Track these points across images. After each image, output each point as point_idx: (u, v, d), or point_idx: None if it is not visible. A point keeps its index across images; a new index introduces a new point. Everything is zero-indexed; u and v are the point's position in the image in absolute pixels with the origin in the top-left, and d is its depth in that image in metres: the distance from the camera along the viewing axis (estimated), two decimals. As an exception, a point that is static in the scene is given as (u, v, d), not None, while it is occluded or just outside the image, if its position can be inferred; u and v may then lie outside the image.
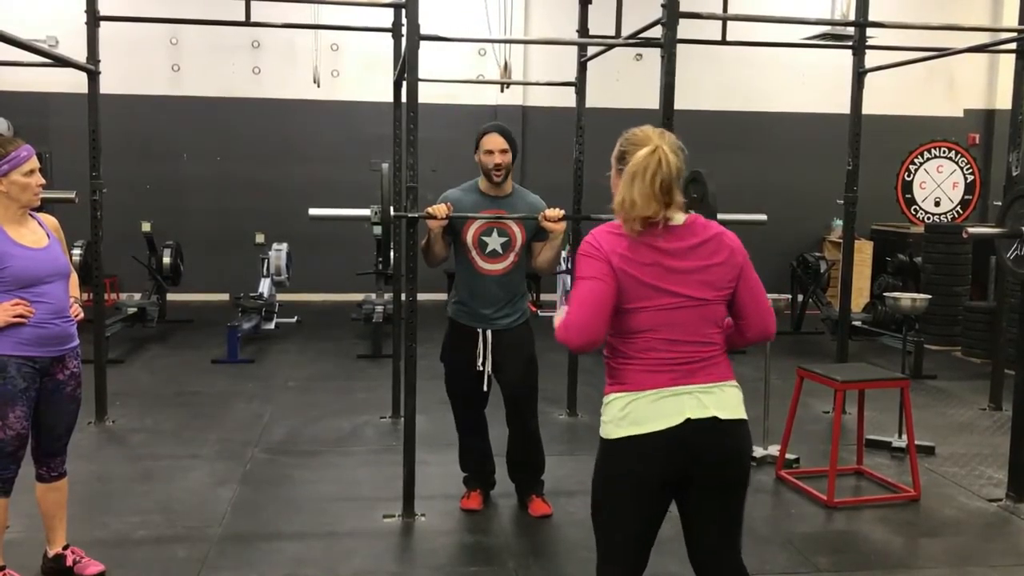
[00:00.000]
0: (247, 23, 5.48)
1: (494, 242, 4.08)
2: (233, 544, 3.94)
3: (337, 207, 5.77)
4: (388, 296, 8.17)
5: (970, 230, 5.02)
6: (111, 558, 3.67)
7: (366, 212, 5.98)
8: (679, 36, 4.18)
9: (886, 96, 9.85)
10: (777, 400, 5.41)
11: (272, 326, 8.76)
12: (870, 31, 6.11)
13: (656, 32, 4.32)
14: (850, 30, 7.06)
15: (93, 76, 5.54)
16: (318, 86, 10.33)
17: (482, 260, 4.09)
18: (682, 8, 4.21)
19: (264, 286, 8.93)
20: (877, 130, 8.97)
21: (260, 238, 9.62)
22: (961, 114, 11.76)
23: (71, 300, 3.44)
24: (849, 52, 6.09)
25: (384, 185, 6.10)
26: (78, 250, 7.92)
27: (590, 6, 5.86)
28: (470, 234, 4.08)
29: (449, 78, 7.79)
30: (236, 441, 5.37)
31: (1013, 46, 5.91)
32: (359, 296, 9.47)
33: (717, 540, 2.48)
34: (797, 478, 4.81)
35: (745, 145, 10.89)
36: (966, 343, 8.40)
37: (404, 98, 4.12)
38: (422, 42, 4.08)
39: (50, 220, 3.48)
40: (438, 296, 9.85)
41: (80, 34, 5.55)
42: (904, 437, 5.07)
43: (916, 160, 8.73)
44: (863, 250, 10.23)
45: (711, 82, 10.55)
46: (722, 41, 6.11)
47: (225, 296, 10.05)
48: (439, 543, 4.01)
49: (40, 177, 3.33)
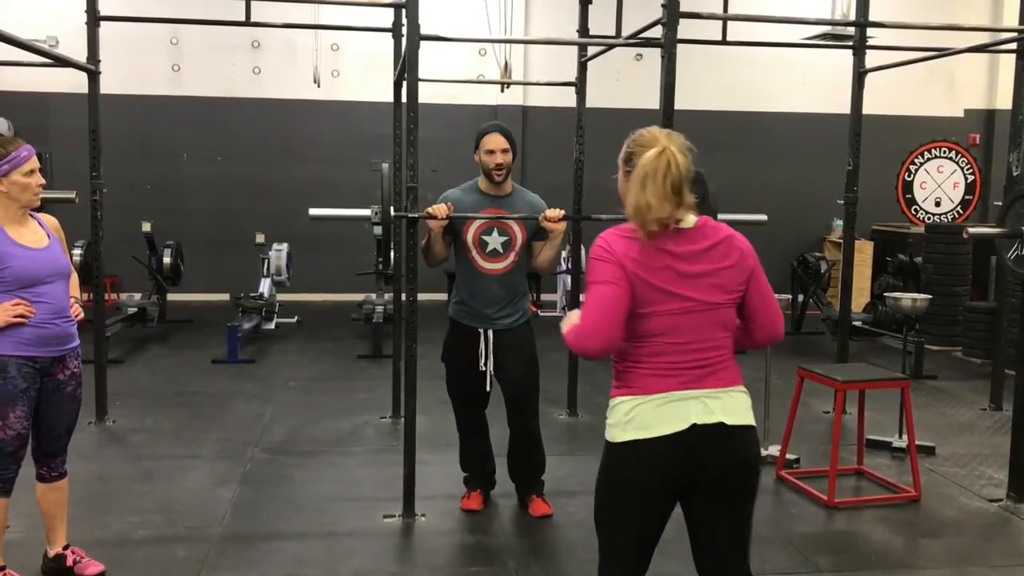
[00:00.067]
0: (247, 23, 5.48)
1: (494, 241, 4.08)
2: (233, 544, 3.94)
3: (337, 207, 5.79)
4: (388, 296, 8.17)
5: (970, 230, 5.02)
6: (111, 558, 3.67)
7: (366, 212, 5.99)
8: (679, 36, 4.18)
9: (886, 96, 9.85)
10: (777, 400, 5.41)
11: (272, 326, 8.76)
12: (870, 31, 6.11)
13: (656, 32, 4.32)
14: (850, 30, 7.07)
15: (93, 76, 5.54)
16: (318, 86, 10.34)
17: (483, 259, 4.09)
18: (682, 8, 4.21)
19: (264, 286, 8.93)
20: (877, 130, 8.97)
21: (260, 238, 9.63)
22: (961, 114, 11.77)
23: (71, 300, 3.44)
24: (849, 52, 6.10)
25: (384, 185, 6.11)
26: (78, 250, 7.92)
27: (590, 6, 5.86)
28: (470, 233, 4.08)
29: (449, 78, 7.79)
30: (236, 441, 5.37)
31: (1013, 46, 5.91)
32: (359, 296, 9.47)
33: (725, 547, 2.43)
34: (797, 478, 4.81)
35: (745, 145, 10.90)
36: (966, 343, 8.40)
37: (404, 98, 4.12)
38: (422, 42, 4.08)
39: (50, 220, 3.48)
40: (438, 296, 9.87)
41: (80, 34, 5.56)
42: (904, 437, 5.07)
43: (916, 160, 8.73)
44: (863, 250, 10.23)
45: (711, 82, 10.55)
46: (722, 41, 6.11)
47: (225, 296, 10.04)
48: (439, 543, 4.01)
49: (40, 177, 3.33)
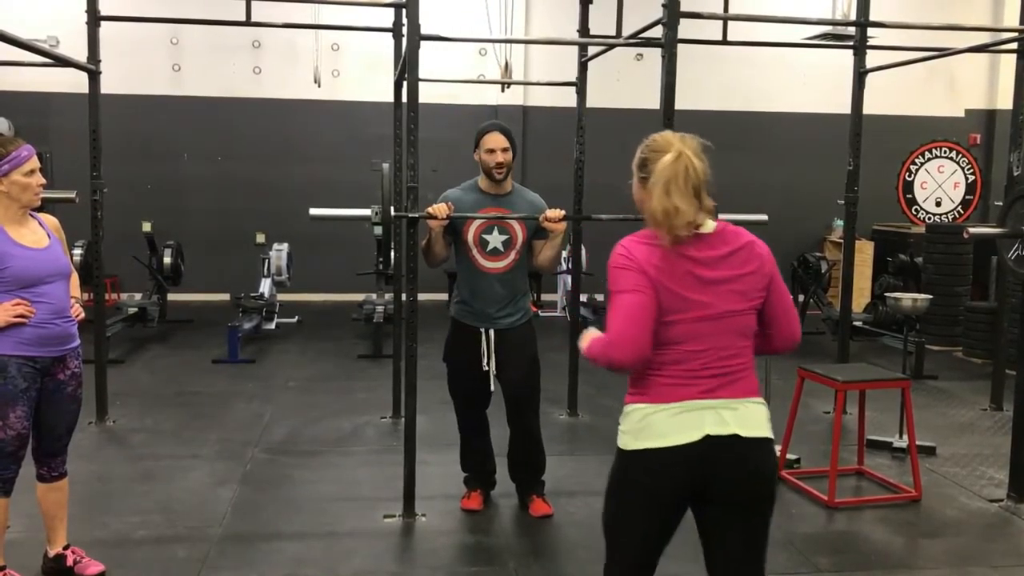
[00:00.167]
0: (248, 23, 5.48)
1: (495, 240, 4.08)
2: (233, 544, 3.94)
3: (338, 207, 5.76)
4: (389, 296, 8.18)
5: (971, 230, 5.02)
6: (111, 558, 3.67)
7: (367, 212, 5.98)
8: (680, 36, 4.18)
9: (887, 96, 9.84)
10: (778, 400, 5.39)
11: (273, 326, 8.76)
12: (871, 31, 6.11)
13: (657, 32, 4.32)
14: (851, 30, 7.07)
15: (94, 76, 5.54)
16: (319, 86, 10.34)
17: (483, 258, 4.09)
18: (683, 8, 4.21)
19: (265, 286, 8.94)
20: (878, 130, 8.97)
21: (261, 238, 9.64)
22: (962, 114, 11.76)
23: (72, 300, 3.44)
24: (850, 52, 6.10)
25: (385, 185, 6.11)
26: (79, 250, 7.92)
27: (591, 6, 5.86)
28: (471, 233, 4.08)
29: (450, 78, 7.79)
30: (236, 441, 5.37)
31: (1014, 46, 5.91)
32: (360, 296, 9.47)
33: (737, 561, 2.39)
34: (798, 478, 4.81)
35: (746, 145, 10.90)
36: (967, 343, 8.40)
37: (405, 98, 4.12)
38: (423, 42, 4.08)
39: (51, 220, 3.48)
40: (438, 296, 9.88)
41: (81, 34, 5.55)
42: (905, 437, 5.07)
43: (917, 160, 8.74)
44: (864, 250, 10.23)
45: (712, 82, 10.55)
46: (723, 41, 6.10)
47: (226, 296, 10.04)
48: (439, 543, 4.01)
49: (41, 177, 3.33)
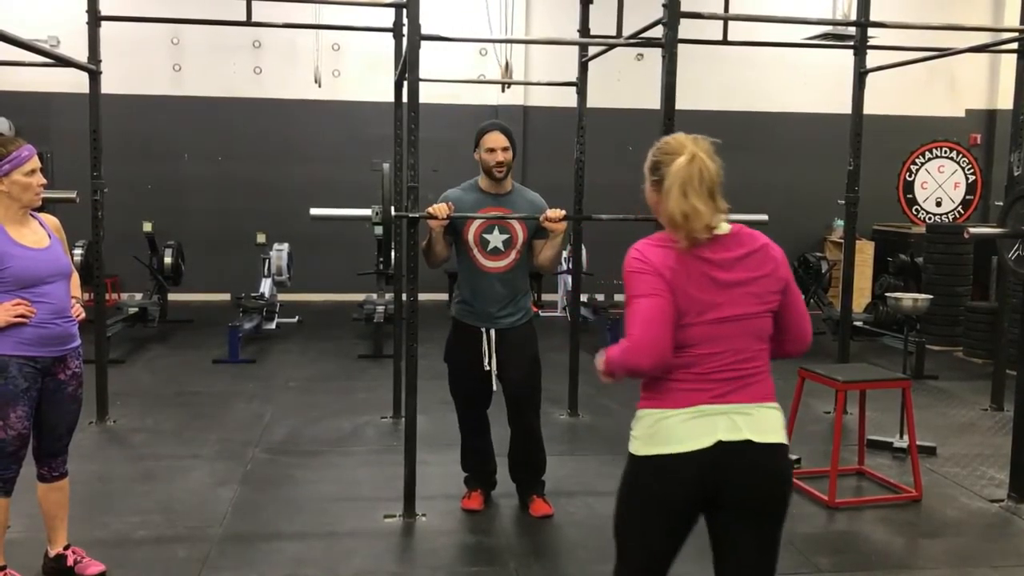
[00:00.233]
0: (248, 23, 5.48)
1: (496, 240, 4.09)
2: (234, 544, 3.94)
3: (338, 207, 5.75)
4: (389, 296, 8.18)
5: (971, 230, 5.02)
6: (112, 558, 3.67)
7: (367, 212, 5.98)
8: (680, 36, 4.18)
9: (887, 96, 9.84)
10: (778, 400, 5.38)
11: (273, 326, 8.76)
12: (871, 31, 6.10)
13: (657, 32, 4.32)
14: (851, 30, 7.06)
15: (94, 76, 5.54)
16: (319, 86, 10.34)
17: (484, 258, 4.09)
18: (683, 8, 4.21)
19: (265, 286, 8.94)
20: (878, 130, 8.96)
21: (261, 238, 9.63)
22: (962, 114, 11.76)
23: (72, 300, 3.44)
24: (850, 52, 6.09)
25: (385, 185, 6.11)
26: (79, 250, 7.93)
27: (591, 6, 5.86)
28: (471, 232, 4.08)
29: (450, 78, 7.79)
30: (237, 441, 5.37)
31: (1014, 46, 5.90)
32: (360, 296, 9.48)
33: (750, 566, 2.36)
34: (798, 478, 4.80)
35: (746, 145, 10.88)
36: (967, 343, 8.39)
37: (405, 98, 4.12)
38: (423, 42, 4.08)
39: (51, 220, 3.48)
40: (439, 296, 9.88)
41: (81, 34, 5.55)
42: (905, 437, 5.06)
43: (917, 160, 8.74)
44: (864, 250, 10.23)
45: (712, 82, 10.54)
46: (723, 41, 6.10)
47: (226, 296, 10.05)
48: (440, 543, 4.01)
49: (41, 177, 3.33)
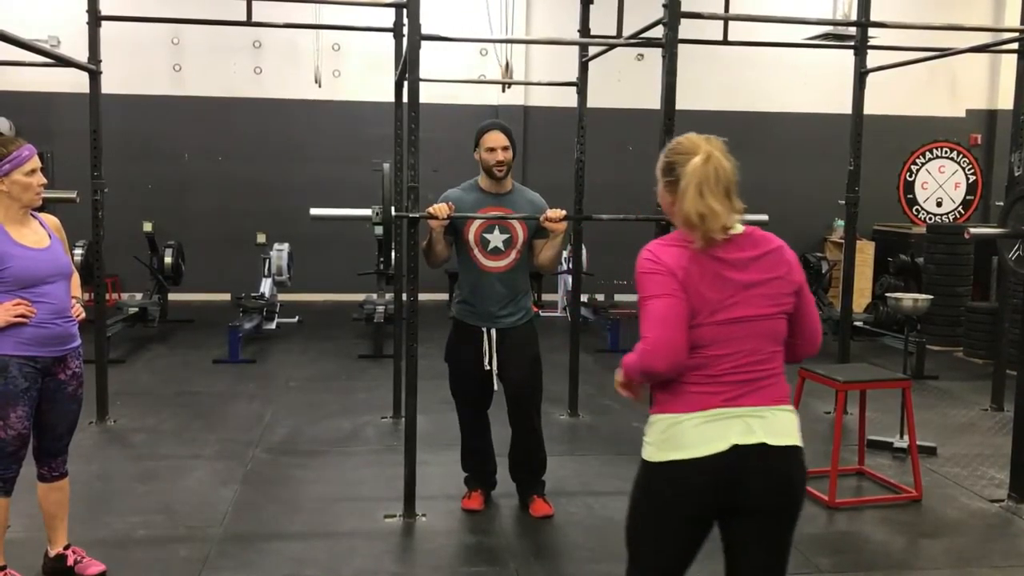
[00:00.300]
0: (248, 23, 5.47)
1: (496, 239, 4.09)
2: (234, 544, 3.94)
3: (338, 207, 5.77)
4: (389, 296, 8.18)
5: (972, 230, 5.02)
6: (112, 558, 3.67)
7: (367, 212, 5.99)
8: (680, 36, 4.17)
9: (888, 96, 9.84)
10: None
11: (273, 326, 8.77)
12: (872, 31, 6.10)
13: (657, 32, 4.32)
14: (852, 30, 7.06)
15: (95, 76, 5.54)
16: (319, 86, 10.35)
17: (484, 257, 4.09)
18: (683, 8, 4.21)
19: (265, 286, 8.94)
20: (879, 130, 8.97)
21: (261, 238, 9.64)
22: (963, 114, 11.76)
23: (73, 300, 3.44)
24: (851, 52, 6.09)
25: (385, 185, 6.11)
26: (79, 250, 7.93)
27: (591, 6, 5.85)
28: (472, 232, 4.08)
29: (451, 78, 7.80)
30: (237, 441, 5.37)
31: (1015, 46, 5.91)
32: (360, 296, 9.47)
33: (762, 570, 2.32)
34: (798, 478, 4.80)
35: (747, 145, 10.73)
36: (968, 344, 8.39)
37: (405, 98, 4.12)
38: (423, 42, 4.08)
39: (51, 220, 3.48)
40: (439, 296, 9.89)
41: (82, 34, 5.55)
42: (906, 438, 5.06)
43: (918, 160, 8.73)
44: (865, 250, 10.22)
45: (713, 82, 10.54)
46: (724, 41, 6.10)
47: (226, 296, 10.05)
48: (440, 543, 4.01)
49: (42, 177, 3.33)
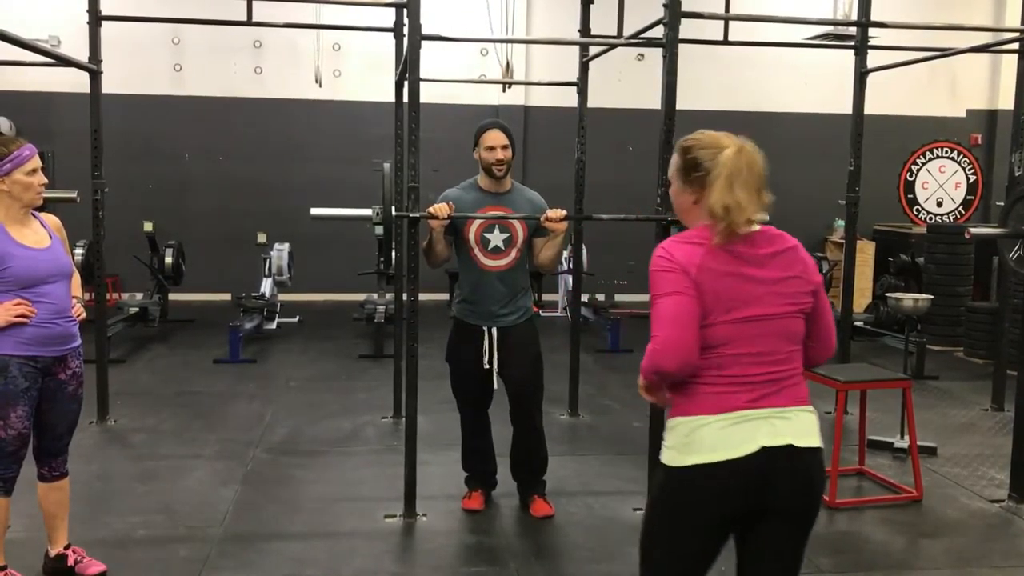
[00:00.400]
0: (249, 23, 5.47)
1: (496, 239, 4.09)
2: (234, 544, 3.94)
3: (339, 207, 5.77)
4: (390, 296, 8.18)
5: (972, 230, 5.02)
6: (112, 558, 3.67)
7: (368, 212, 5.99)
8: (681, 36, 4.17)
9: (888, 96, 9.83)
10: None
11: (274, 326, 8.77)
12: (872, 31, 6.10)
13: (658, 32, 4.32)
14: (852, 30, 7.06)
15: (95, 76, 5.54)
16: (320, 86, 10.35)
17: (484, 257, 4.10)
18: (684, 8, 4.20)
19: (266, 286, 8.94)
20: (879, 130, 8.97)
21: (262, 238, 9.64)
22: (963, 114, 11.76)
23: (73, 300, 3.44)
24: (851, 52, 6.09)
25: (386, 185, 6.11)
26: (80, 249, 7.93)
27: (592, 6, 5.85)
28: (472, 231, 4.09)
29: (451, 78, 7.79)
30: (237, 441, 5.37)
31: (1015, 46, 5.90)
32: (361, 296, 9.48)
33: (778, 572, 2.28)
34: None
35: (747, 145, 10.88)
36: (968, 344, 8.38)
37: (406, 98, 4.12)
38: (424, 42, 4.08)
39: (52, 220, 3.48)
40: (439, 296, 9.89)
41: (82, 34, 5.55)
42: (906, 438, 5.06)
43: (918, 160, 8.73)
44: (865, 250, 10.22)
45: (713, 82, 10.53)
46: (724, 41, 6.09)
47: (227, 296, 10.05)
48: (440, 543, 4.01)
49: (42, 176, 3.33)
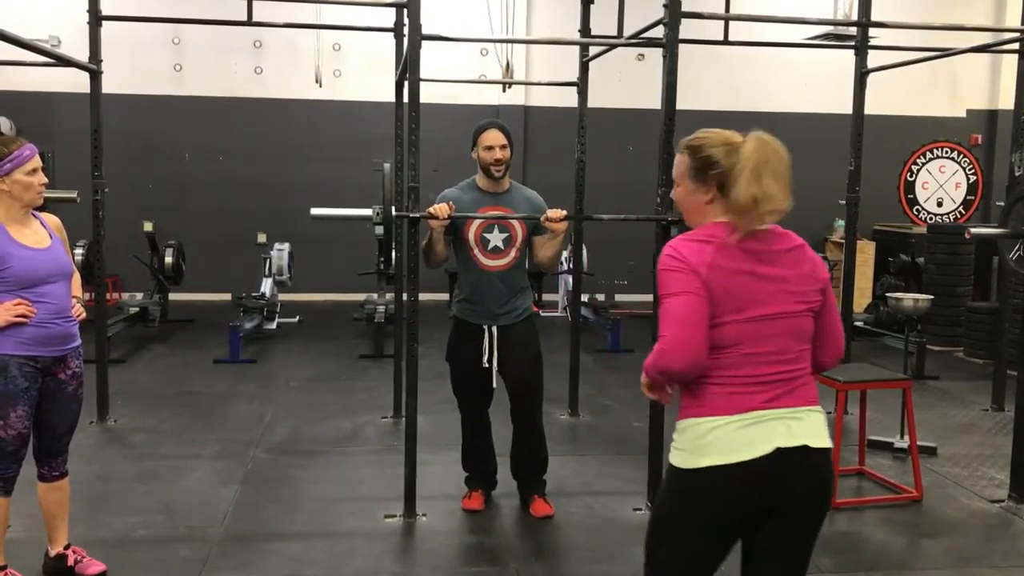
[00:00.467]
0: (249, 23, 5.47)
1: (496, 238, 4.09)
2: (234, 544, 3.94)
3: (339, 207, 5.77)
4: (390, 296, 8.19)
5: (973, 230, 5.02)
6: (112, 558, 3.67)
7: (368, 212, 5.99)
8: (681, 36, 4.17)
9: (888, 96, 9.82)
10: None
11: (274, 326, 8.77)
12: (872, 31, 6.10)
13: (658, 32, 4.32)
14: (852, 30, 7.05)
15: (95, 76, 5.55)
16: (320, 86, 10.35)
17: (484, 256, 4.10)
18: (684, 8, 4.21)
19: (266, 286, 8.94)
20: (879, 130, 8.96)
21: (262, 238, 9.64)
22: (964, 114, 11.76)
23: (73, 300, 3.44)
24: (851, 52, 6.09)
25: (386, 185, 6.11)
26: (80, 249, 7.93)
27: (592, 6, 5.85)
28: (472, 231, 4.09)
29: (451, 78, 7.79)
30: (237, 441, 5.37)
31: (1016, 46, 5.90)
32: (361, 296, 9.48)
33: (787, 572, 2.27)
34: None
35: (747, 145, 10.87)
36: (968, 344, 8.38)
37: (406, 98, 4.12)
38: (424, 42, 4.08)
39: (52, 219, 3.48)
40: (439, 296, 9.89)
41: (82, 34, 5.55)
42: (906, 438, 5.06)
43: (918, 160, 8.73)
44: (865, 250, 10.22)
45: (713, 82, 10.53)
46: (724, 41, 6.09)
47: (227, 296, 10.05)
48: (440, 543, 4.01)
49: (43, 176, 3.33)
